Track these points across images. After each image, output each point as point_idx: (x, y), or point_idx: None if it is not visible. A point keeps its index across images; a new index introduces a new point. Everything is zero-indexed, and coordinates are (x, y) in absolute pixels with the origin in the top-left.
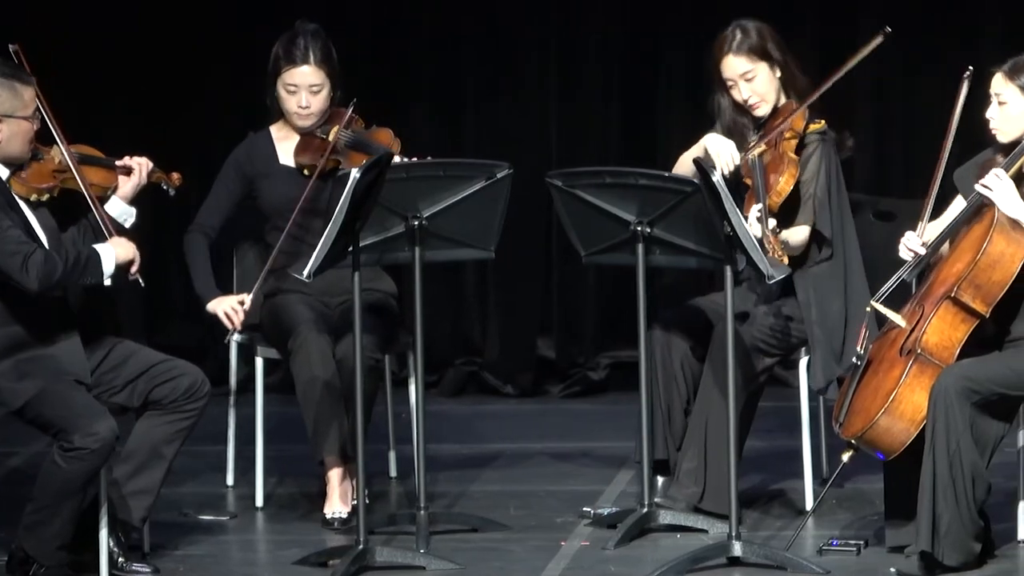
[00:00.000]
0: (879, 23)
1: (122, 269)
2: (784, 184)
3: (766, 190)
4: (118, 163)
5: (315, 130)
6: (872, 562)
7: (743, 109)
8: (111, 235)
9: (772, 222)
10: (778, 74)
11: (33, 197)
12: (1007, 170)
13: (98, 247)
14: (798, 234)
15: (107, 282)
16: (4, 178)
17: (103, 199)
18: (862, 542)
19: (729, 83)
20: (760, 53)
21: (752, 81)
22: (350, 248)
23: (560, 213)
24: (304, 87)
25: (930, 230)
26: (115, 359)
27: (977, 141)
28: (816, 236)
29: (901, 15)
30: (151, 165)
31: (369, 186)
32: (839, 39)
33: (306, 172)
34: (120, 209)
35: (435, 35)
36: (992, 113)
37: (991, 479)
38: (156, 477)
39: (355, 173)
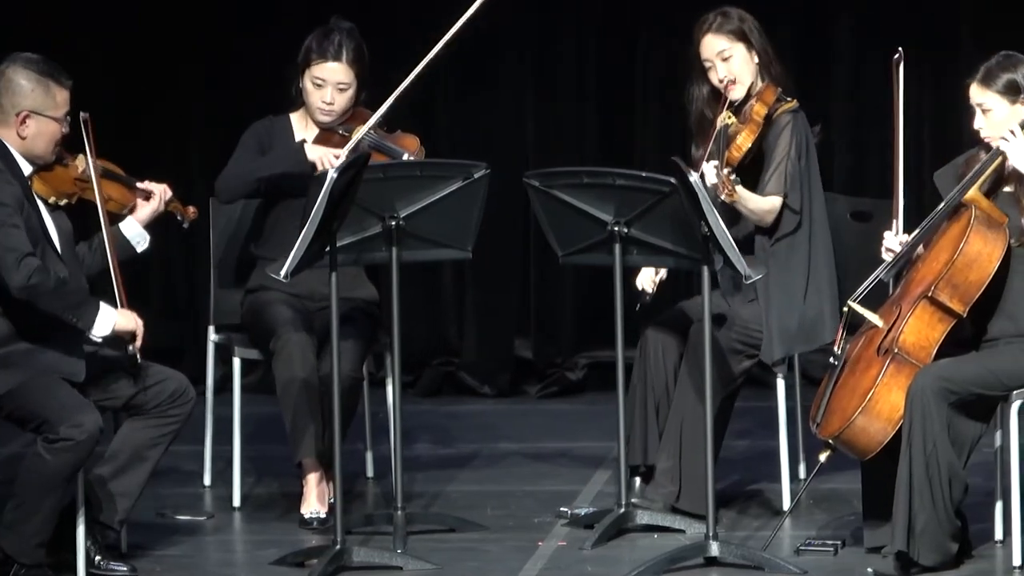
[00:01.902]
0: (855, 21)
1: (121, 339)
2: (744, 139)
3: (727, 146)
4: (139, 185)
5: (336, 127)
6: (849, 562)
7: (716, 99)
8: (111, 254)
9: (728, 170)
10: (755, 59)
11: (51, 200)
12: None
13: (102, 305)
14: (767, 202)
15: (96, 339)
16: (27, 174)
17: (118, 217)
18: (839, 542)
19: (707, 64)
20: (739, 35)
21: (728, 61)
22: (327, 248)
23: (537, 213)
24: (332, 83)
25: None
26: (101, 360)
27: (954, 144)
28: (784, 210)
29: (879, 16)
30: (170, 193)
31: (347, 186)
32: (817, 39)
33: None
34: (134, 232)
35: (410, 33)
36: (979, 123)
37: (968, 479)
38: (137, 480)
39: (332, 173)
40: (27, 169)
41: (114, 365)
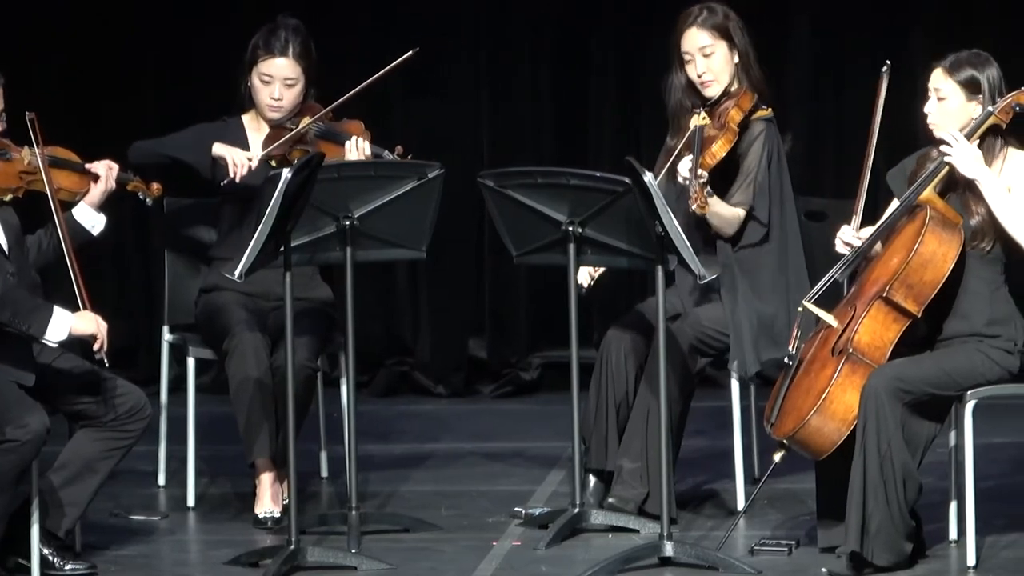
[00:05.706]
0: (810, 23)
1: (85, 343)
2: (719, 147)
3: (701, 151)
4: (87, 167)
5: (285, 123)
6: (803, 562)
7: (693, 90)
8: (66, 244)
9: (704, 176)
10: (736, 59)
11: None
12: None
13: (56, 309)
14: (732, 212)
15: (52, 344)
16: None
17: (71, 204)
18: (793, 542)
19: (686, 57)
20: (722, 32)
21: (709, 57)
22: (281, 248)
23: (492, 213)
24: (279, 79)
25: (865, 231)
26: (60, 364)
27: (906, 140)
28: (750, 220)
29: (832, 14)
30: (116, 167)
31: (301, 186)
32: (772, 39)
33: (274, 163)
34: (88, 216)
35: (364, 33)
36: (930, 108)
37: (923, 479)
38: (86, 491)
39: (286, 173)
40: None
41: (73, 376)
